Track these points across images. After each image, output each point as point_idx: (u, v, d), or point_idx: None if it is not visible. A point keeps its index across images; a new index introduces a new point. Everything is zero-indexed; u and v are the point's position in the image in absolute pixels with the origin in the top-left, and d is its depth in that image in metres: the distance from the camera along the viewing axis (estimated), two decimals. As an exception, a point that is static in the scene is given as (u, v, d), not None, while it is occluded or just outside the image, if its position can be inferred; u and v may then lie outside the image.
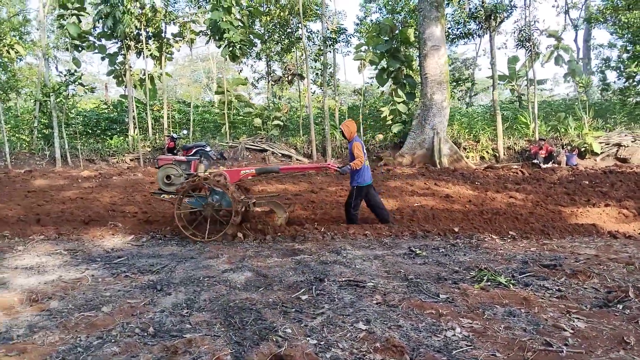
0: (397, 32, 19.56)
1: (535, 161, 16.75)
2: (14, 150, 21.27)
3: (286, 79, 24.57)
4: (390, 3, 26.91)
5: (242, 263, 5.28)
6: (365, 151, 7.31)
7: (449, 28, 23.32)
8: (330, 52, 24.41)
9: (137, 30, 22.62)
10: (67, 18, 21.82)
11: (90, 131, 24.09)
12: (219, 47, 21.92)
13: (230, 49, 21.17)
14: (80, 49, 23.10)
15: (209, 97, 45.29)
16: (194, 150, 17.67)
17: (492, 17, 20.07)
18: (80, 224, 7.89)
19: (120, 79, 24.66)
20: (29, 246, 6.44)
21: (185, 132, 22.92)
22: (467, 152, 18.95)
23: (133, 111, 23.14)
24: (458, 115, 22.75)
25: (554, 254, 5.48)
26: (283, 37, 25.49)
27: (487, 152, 19.10)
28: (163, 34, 24.34)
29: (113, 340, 3.28)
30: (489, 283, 4.32)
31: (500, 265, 4.99)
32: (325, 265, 5.11)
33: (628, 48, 23.39)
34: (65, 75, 20.82)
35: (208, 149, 18.21)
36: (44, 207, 9.66)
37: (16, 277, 4.91)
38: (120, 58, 23.84)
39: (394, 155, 18.52)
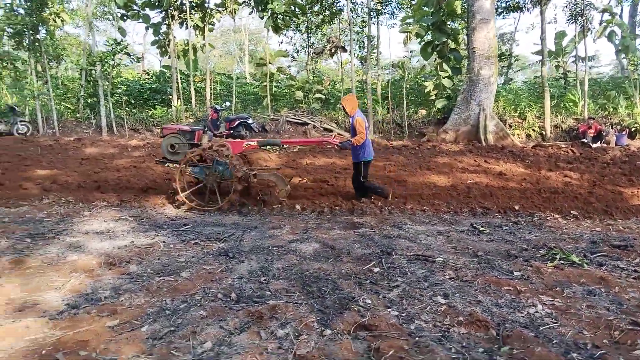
0: (443, 4, 19.03)
1: (584, 140, 16.25)
2: (61, 118, 21.80)
3: (329, 51, 24.26)
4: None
5: (306, 234, 5.35)
6: (367, 126, 7.25)
7: (497, 0, 22.59)
8: (374, 24, 24.01)
9: (181, 0, 22.68)
10: (114, -13, 22.03)
11: (133, 101, 24.42)
12: (262, 17, 21.77)
13: (274, 20, 21.05)
14: (125, 18, 23.31)
15: (240, 70, 45.24)
16: (237, 122, 17.81)
17: (545, -11, 19.37)
18: (139, 192, 8.09)
19: (163, 49, 24.86)
20: (94, 212, 6.65)
21: (227, 104, 22.98)
22: (513, 129, 18.50)
23: (177, 82, 23.33)
24: (503, 91, 22.17)
25: (621, 234, 5.37)
26: (324, 8, 25.13)
27: (533, 130, 18.62)
28: (206, 4, 24.34)
29: (198, 305, 3.39)
30: (562, 262, 4.28)
31: (569, 244, 4.92)
32: (389, 239, 5.14)
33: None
34: (111, 45, 21.08)
35: (250, 121, 18.31)
36: (100, 174, 9.93)
37: (90, 242, 5.09)
38: (164, 28, 24.00)
39: (437, 131, 18.22)
